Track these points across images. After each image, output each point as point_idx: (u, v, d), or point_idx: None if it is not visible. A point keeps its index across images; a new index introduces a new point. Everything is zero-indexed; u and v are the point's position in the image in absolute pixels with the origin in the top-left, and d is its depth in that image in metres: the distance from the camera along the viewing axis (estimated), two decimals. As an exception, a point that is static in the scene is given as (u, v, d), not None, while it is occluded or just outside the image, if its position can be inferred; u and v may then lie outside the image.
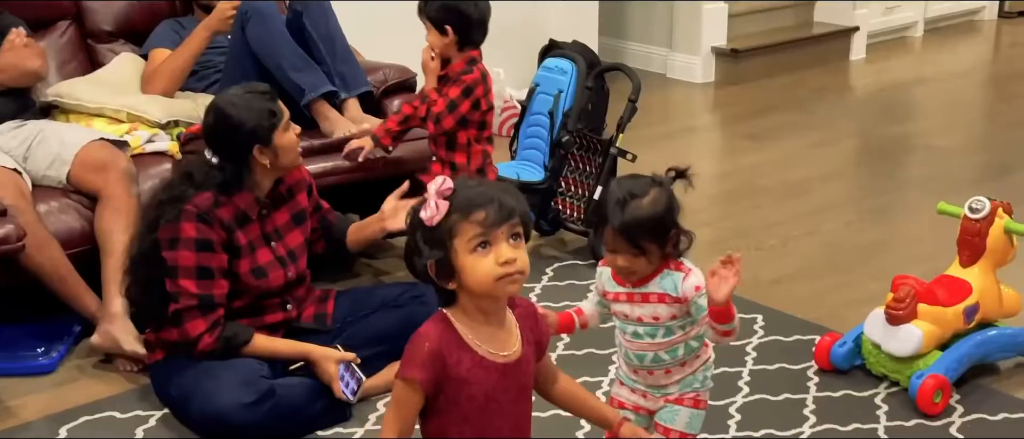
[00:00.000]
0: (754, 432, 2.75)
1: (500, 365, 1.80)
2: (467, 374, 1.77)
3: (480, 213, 1.72)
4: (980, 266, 3.00)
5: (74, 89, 3.55)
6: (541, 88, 3.90)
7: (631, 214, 2.06)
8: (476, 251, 1.73)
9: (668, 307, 2.16)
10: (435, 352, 1.76)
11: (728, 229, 4.11)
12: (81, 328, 3.24)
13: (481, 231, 1.72)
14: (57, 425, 2.83)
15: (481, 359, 1.78)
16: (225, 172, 2.74)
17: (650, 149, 4.80)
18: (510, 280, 1.74)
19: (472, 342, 1.79)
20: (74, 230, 3.19)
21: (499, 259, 1.72)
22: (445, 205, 1.74)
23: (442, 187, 1.75)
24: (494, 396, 1.79)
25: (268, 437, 2.70)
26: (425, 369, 1.75)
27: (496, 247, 1.73)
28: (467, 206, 1.73)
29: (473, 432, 1.81)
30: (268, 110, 2.75)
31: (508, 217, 1.73)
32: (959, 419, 2.80)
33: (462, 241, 1.73)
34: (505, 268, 1.72)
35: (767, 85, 6.19)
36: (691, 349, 2.23)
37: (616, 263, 2.13)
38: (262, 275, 2.82)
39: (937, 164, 4.91)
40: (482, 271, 1.73)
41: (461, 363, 1.77)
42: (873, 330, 2.94)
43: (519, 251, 1.75)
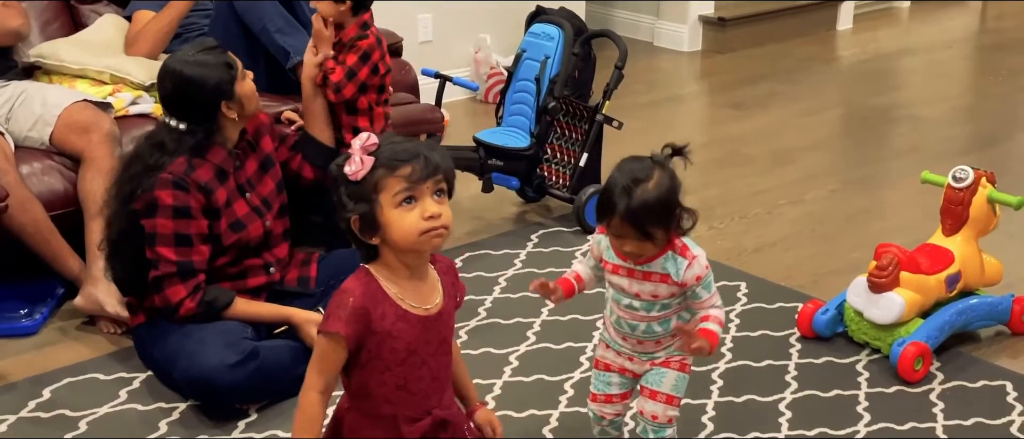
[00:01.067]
0: (736, 397, 2.77)
1: (422, 318, 1.83)
2: (391, 327, 1.80)
3: (406, 168, 1.75)
4: (963, 235, 3.01)
5: (57, 50, 3.52)
6: (528, 54, 3.88)
7: (638, 201, 2.06)
8: (401, 206, 1.76)
9: (668, 287, 2.17)
10: (359, 308, 1.79)
11: (713, 197, 4.11)
12: (64, 290, 3.23)
13: (406, 186, 1.75)
14: (40, 386, 2.82)
15: (404, 312, 1.81)
16: (196, 135, 2.72)
17: (636, 117, 4.81)
18: (435, 234, 1.77)
19: (395, 296, 1.82)
20: (57, 192, 3.18)
21: (424, 214, 1.76)
22: (370, 160, 1.76)
23: (367, 143, 1.77)
24: (416, 348, 1.83)
25: (252, 398, 2.71)
26: (350, 324, 1.79)
27: (421, 202, 1.76)
28: (392, 161, 1.76)
29: (394, 382, 1.85)
30: (224, 63, 2.73)
31: (433, 173, 1.77)
32: (939, 386, 2.83)
33: (387, 196, 1.76)
34: (430, 222, 1.76)
35: (754, 54, 6.18)
36: (683, 320, 2.24)
37: (623, 249, 2.13)
38: (241, 227, 2.81)
39: (922, 134, 4.92)
40: (407, 225, 1.75)
41: (385, 317, 1.80)
42: (855, 298, 2.96)
43: (443, 206, 1.79)
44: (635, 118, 4.70)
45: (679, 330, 2.15)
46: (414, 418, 1.87)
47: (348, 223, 1.80)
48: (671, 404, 2.27)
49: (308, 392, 1.85)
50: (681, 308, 2.22)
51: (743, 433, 2.62)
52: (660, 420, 2.27)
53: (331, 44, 3.14)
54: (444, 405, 1.91)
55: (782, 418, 2.68)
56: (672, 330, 2.23)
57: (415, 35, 4.95)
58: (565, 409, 2.73)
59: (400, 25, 4.35)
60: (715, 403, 2.74)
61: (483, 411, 2.08)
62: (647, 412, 2.27)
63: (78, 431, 2.64)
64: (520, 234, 3.78)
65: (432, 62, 4.35)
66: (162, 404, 2.75)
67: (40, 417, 2.71)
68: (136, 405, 2.75)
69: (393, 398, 1.85)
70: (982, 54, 6.51)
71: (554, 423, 2.67)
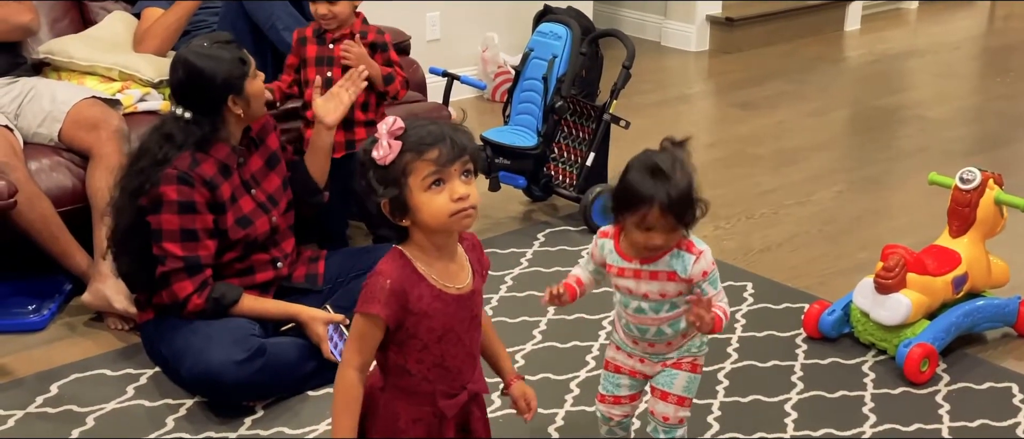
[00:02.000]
0: (742, 398, 2.77)
1: (455, 297, 1.86)
2: (427, 307, 1.83)
3: (433, 151, 1.77)
4: (970, 236, 3.01)
5: (66, 47, 3.53)
6: (535, 53, 3.89)
7: (677, 190, 2.05)
8: (430, 189, 1.78)
9: (676, 285, 2.17)
10: (397, 289, 1.81)
11: (720, 197, 4.11)
12: (72, 286, 3.24)
13: (435, 169, 1.77)
14: (48, 382, 2.83)
15: (440, 293, 1.84)
16: (202, 126, 2.73)
17: (643, 117, 4.80)
18: (464, 215, 1.80)
19: (429, 276, 1.84)
20: (65, 188, 3.19)
21: (453, 195, 1.78)
22: (397, 144, 1.78)
23: (393, 127, 1.79)
24: (451, 326, 1.86)
25: (259, 395, 2.72)
26: (387, 305, 1.81)
27: (450, 184, 1.79)
28: (420, 145, 1.78)
29: (431, 360, 1.88)
30: (238, 59, 2.74)
31: (460, 154, 1.79)
32: (945, 388, 2.82)
33: (416, 179, 1.78)
34: (459, 204, 1.78)
35: (761, 54, 6.18)
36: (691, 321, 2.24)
37: (652, 242, 2.09)
38: (248, 224, 2.82)
39: (929, 135, 4.92)
40: (437, 208, 1.78)
41: (422, 298, 1.83)
42: (862, 298, 2.96)
43: (470, 187, 1.81)
44: (642, 117, 4.70)
45: (694, 301, 2.11)
46: (450, 393, 1.91)
47: (378, 206, 1.82)
48: (682, 405, 2.27)
49: (345, 370, 1.87)
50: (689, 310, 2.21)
51: (749, 433, 2.62)
52: (672, 421, 2.27)
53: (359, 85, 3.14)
54: (476, 379, 1.96)
55: (788, 418, 2.68)
56: (682, 330, 2.23)
57: (423, 33, 4.95)
58: (571, 408, 2.73)
59: (408, 23, 4.35)
60: (721, 403, 2.75)
61: (518, 384, 2.11)
62: (658, 413, 2.27)
63: (85, 427, 2.65)
64: (527, 233, 3.78)
65: (440, 61, 4.36)
66: (169, 400, 2.76)
67: (47, 412, 2.72)
68: (143, 401, 2.76)
69: (430, 376, 1.88)
70: (990, 55, 6.50)
71: (560, 422, 2.67)
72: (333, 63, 3.21)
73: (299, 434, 2.63)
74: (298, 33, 3.29)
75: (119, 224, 2.77)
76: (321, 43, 3.23)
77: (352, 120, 3.24)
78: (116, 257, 2.83)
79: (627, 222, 2.12)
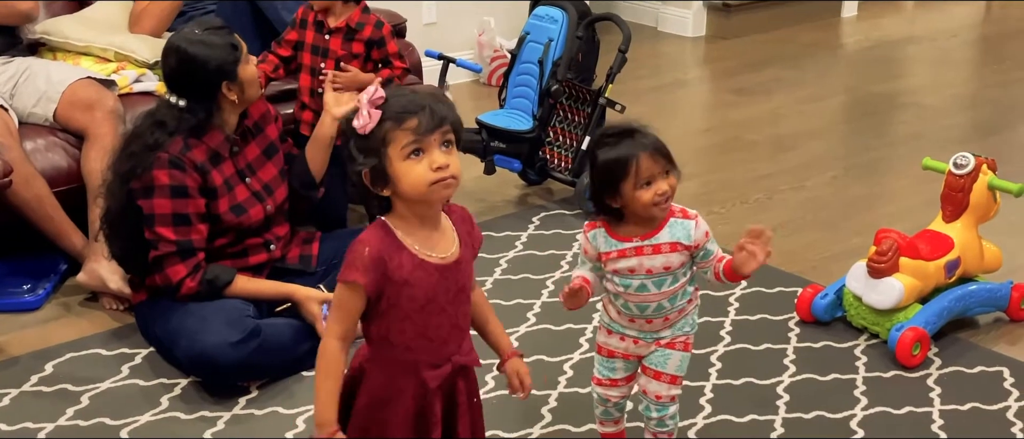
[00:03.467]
0: (734, 380, 2.79)
1: (438, 266, 1.85)
2: (408, 276, 1.82)
3: (412, 120, 1.76)
4: (963, 221, 3.02)
5: (61, 27, 3.53)
6: (531, 37, 3.89)
7: (647, 135, 2.13)
8: (409, 158, 1.77)
9: (680, 255, 2.19)
10: (376, 257, 1.80)
11: (714, 182, 4.12)
12: (67, 266, 3.25)
13: (414, 138, 1.77)
14: (43, 361, 2.84)
15: (421, 261, 1.83)
16: (195, 113, 2.72)
17: (640, 102, 4.81)
18: (443, 185, 1.79)
19: (410, 245, 1.83)
20: (61, 168, 3.19)
21: (432, 165, 1.77)
22: (377, 114, 1.77)
23: (374, 96, 1.79)
24: (433, 296, 1.85)
25: (253, 376, 2.73)
26: (367, 273, 1.80)
27: (429, 154, 1.78)
28: (399, 114, 1.77)
29: (414, 330, 1.87)
30: (230, 45, 2.72)
31: (440, 124, 1.78)
32: (937, 371, 2.84)
33: (396, 148, 1.77)
34: (438, 173, 1.77)
35: (758, 40, 6.18)
36: (686, 294, 2.26)
37: (659, 191, 2.12)
38: (242, 211, 2.82)
39: (925, 122, 4.92)
40: (416, 177, 1.77)
41: (402, 266, 1.82)
42: (855, 282, 2.97)
43: (451, 156, 1.80)
44: (638, 103, 4.71)
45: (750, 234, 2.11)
46: (434, 364, 1.90)
47: (359, 175, 1.82)
48: (675, 383, 2.28)
49: (327, 339, 1.87)
50: (687, 282, 2.24)
51: (740, 415, 2.64)
52: (664, 399, 2.28)
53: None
54: (463, 351, 1.94)
55: (780, 401, 2.70)
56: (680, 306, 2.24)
57: (419, 17, 4.95)
58: (564, 389, 2.75)
59: (404, 7, 4.35)
60: (713, 385, 2.76)
61: (513, 360, 2.09)
62: (651, 392, 2.28)
63: (80, 405, 2.66)
64: (522, 216, 3.79)
65: (436, 44, 4.35)
66: (164, 380, 2.77)
67: (42, 391, 2.72)
68: (138, 381, 2.77)
69: (413, 346, 1.87)
70: (986, 43, 6.50)
71: (553, 404, 2.69)
72: (327, 55, 3.19)
73: (294, 413, 2.64)
74: (302, 13, 3.23)
75: (111, 207, 2.78)
76: (319, 31, 3.21)
77: None
78: (109, 240, 2.83)
79: (626, 192, 2.13)
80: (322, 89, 3.14)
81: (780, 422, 2.61)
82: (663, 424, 2.30)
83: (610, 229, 2.21)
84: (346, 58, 3.17)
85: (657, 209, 2.15)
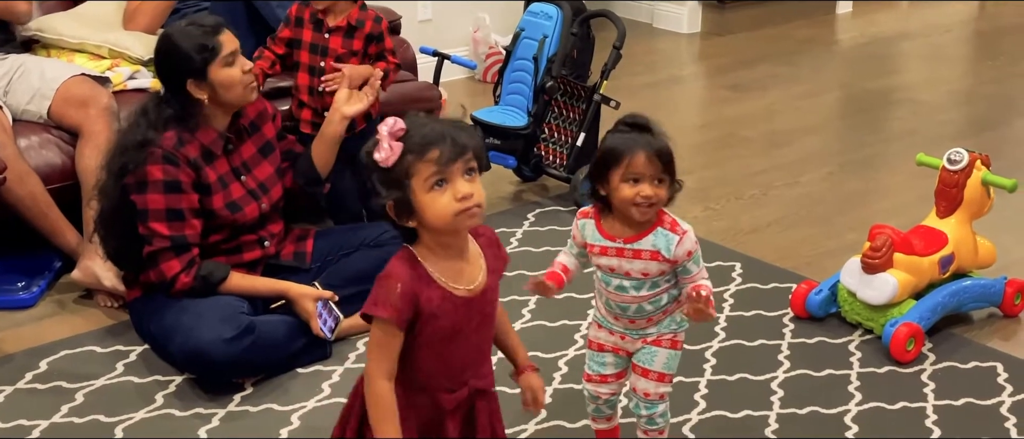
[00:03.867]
0: (729, 376, 2.79)
1: (465, 299, 1.83)
2: (436, 309, 1.80)
3: (434, 151, 1.74)
4: (957, 217, 3.03)
5: (55, 24, 3.52)
6: (526, 33, 3.89)
7: (658, 138, 2.11)
8: (433, 189, 1.75)
9: (659, 264, 2.18)
10: (408, 292, 1.78)
11: (709, 178, 4.13)
12: (61, 263, 3.25)
13: (436, 169, 1.74)
14: (37, 359, 2.84)
15: (448, 294, 1.81)
16: (171, 105, 2.72)
17: (635, 98, 4.81)
18: (468, 215, 1.76)
19: (438, 278, 1.81)
20: (55, 165, 3.19)
21: (456, 195, 1.75)
22: (399, 146, 1.75)
23: (394, 128, 1.75)
24: (459, 328, 1.83)
25: (248, 372, 2.73)
26: (400, 311, 1.78)
27: (453, 184, 1.75)
28: (421, 146, 1.75)
29: (436, 360, 1.85)
30: (200, 44, 2.69)
31: (461, 153, 1.75)
32: (931, 367, 2.84)
33: (419, 180, 1.75)
34: (463, 203, 1.75)
35: (753, 37, 6.18)
36: (673, 297, 2.26)
37: (641, 193, 2.10)
38: (237, 209, 2.82)
39: (919, 118, 4.93)
40: (441, 208, 1.75)
41: (431, 300, 1.80)
42: (849, 278, 2.97)
43: (475, 185, 1.77)
44: (633, 99, 4.71)
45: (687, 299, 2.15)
46: (451, 389, 1.88)
47: (383, 208, 1.80)
48: (663, 381, 2.28)
49: (375, 381, 1.82)
50: (670, 287, 2.23)
51: (735, 411, 2.64)
52: (652, 397, 2.28)
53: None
54: (481, 375, 1.92)
55: (774, 397, 2.70)
56: (663, 307, 2.24)
57: (414, 13, 4.94)
58: (559, 386, 2.75)
59: (399, 4, 4.34)
60: (708, 381, 2.76)
61: (528, 375, 2.05)
62: (639, 389, 2.28)
63: (74, 403, 2.66)
64: (517, 213, 3.79)
65: (431, 41, 4.35)
66: (159, 377, 2.77)
67: (37, 388, 2.72)
68: (133, 378, 2.77)
69: (433, 371, 1.85)
70: (981, 38, 6.51)
71: (548, 400, 2.69)
72: (326, 53, 3.17)
73: (288, 410, 2.64)
74: (297, 10, 3.21)
75: (105, 207, 2.77)
76: (317, 30, 3.18)
77: None
78: (103, 241, 2.83)
79: (613, 182, 2.12)
80: (322, 88, 3.13)
81: (774, 417, 2.62)
82: (652, 422, 2.30)
83: (599, 223, 2.21)
84: (346, 56, 3.17)
85: (636, 210, 2.13)
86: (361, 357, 2.86)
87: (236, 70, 2.74)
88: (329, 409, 2.64)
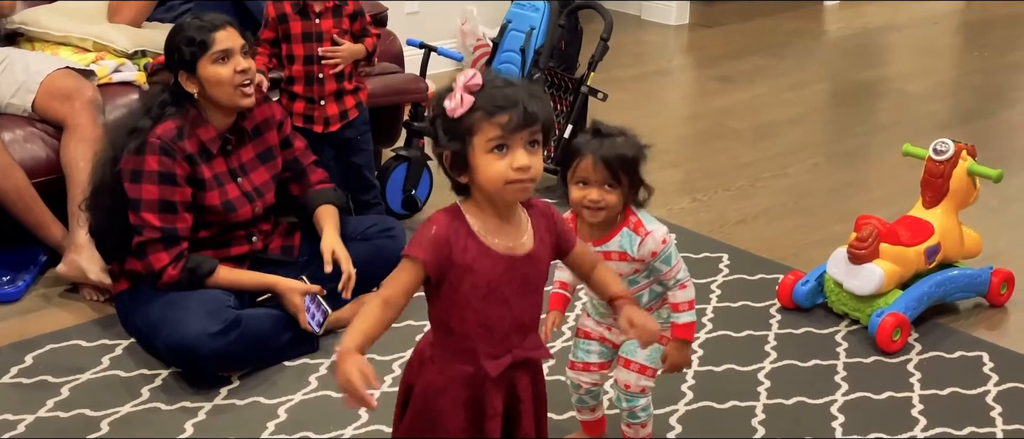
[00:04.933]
0: (715, 367, 2.79)
1: (506, 257, 1.80)
2: (472, 261, 1.78)
3: (503, 116, 1.70)
4: (943, 207, 3.03)
5: (40, 17, 3.51)
6: (513, 25, 3.88)
7: (610, 144, 2.12)
8: (492, 152, 1.72)
9: (629, 264, 2.19)
10: (442, 237, 1.76)
11: (697, 170, 4.13)
12: (47, 257, 3.23)
13: (500, 134, 1.71)
14: (23, 353, 2.83)
15: (487, 249, 1.79)
16: (164, 92, 2.75)
17: (623, 90, 4.81)
18: (520, 187, 1.74)
19: (480, 232, 1.79)
20: (40, 159, 3.17)
21: (514, 164, 1.72)
22: (470, 100, 1.71)
23: (470, 81, 1.72)
24: (497, 286, 1.80)
25: (234, 366, 2.72)
26: (429, 251, 1.76)
27: (513, 151, 1.72)
28: (491, 106, 1.71)
29: (475, 320, 1.82)
30: (190, 37, 2.70)
31: (530, 123, 1.72)
32: (917, 356, 2.85)
33: (481, 139, 1.72)
34: (518, 174, 1.72)
35: (741, 28, 6.19)
36: (656, 293, 2.26)
37: (588, 197, 2.12)
38: (231, 208, 2.82)
39: (907, 109, 4.94)
40: (495, 173, 1.72)
41: (467, 251, 1.78)
42: (835, 269, 2.98)
43: (535, 158, 1.74)
44: (622, 91, 4.71)
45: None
46: (495, 355, 1.84)
47: (440, 156, 1.78)
48: (644, 374, 2.28)
49: (370, 299, 1.82)
50: (651, 282, 2.24)
51: (722, 402, 2.64)
52: (632, 389, 2.28)
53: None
54: (527, 346, 1.88)
55: (761, 387, 2.71)
56: (647, 305, 2.25)
57: (401, 5, 4.93)
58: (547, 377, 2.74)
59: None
60: (695, 372, 2.76)
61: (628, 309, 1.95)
62: (621, 381, 2.29)
63: (60, 397, 2.65)
64: (504, 205, 3.78)
65: (419, 33, 4.34)
66: (145, 371, 2.76)
67: (22, 383, 2.71)
68: (119, 372, 2.76)
69: (474, 335, 1.82)
70: (968, 29, 6.52)
71: (535, 391, 2.69)
72: (321, 39, 3.16)
73: (275, 403, 2.63)
74: (276, 9, 3.19)
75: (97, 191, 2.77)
76: (306, 18, 3.17)
77: (342, 91, 3.23)
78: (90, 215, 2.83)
79: (569, 184, 2.16)
80: (323, 75, 3.13)
81: (761, 408, 2.62)
82: (634, 416, 2.31)
83: (576, 226, 2.23)
84: (339, 35, 3.17)
85: (585, 212, 2.15)
86: (348, 350, 2.86)
87: (227, 69, 2.72)
88: (316, 402, 2.64)
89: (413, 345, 2.84)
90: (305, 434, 2.52)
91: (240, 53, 2.74)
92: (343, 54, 3.16)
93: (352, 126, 3.26)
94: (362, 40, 3.22)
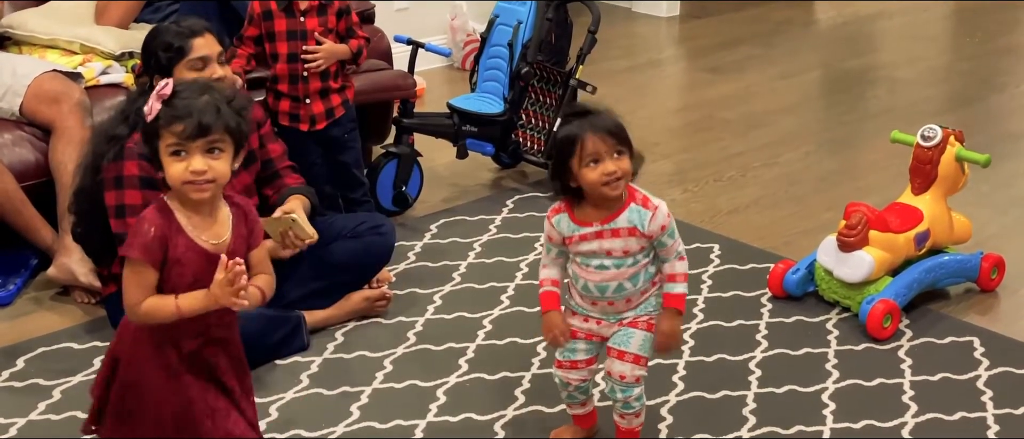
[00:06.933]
0: (707, 357, 2.80)
1: (207, 252, 1.97)
2: (181, 256, 1.96)
3: (178, 126, 1.92)
4: (932, 193, 3.04)
5: (26, 20, 3.50)
6: (500, 19, 3.88)
7: (601, 118, 2.17)
8: (170, 156, 1.94)
9: (637, 240, 2.21)
10: (160, 237, 1.94)
11: (688, 161, 4.13)
12: (37, 260, 3.23)
13: (175, 141, 1.92)
14: (14, 356, 2.83)
15: (193, 243, 1.97)
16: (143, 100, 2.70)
17: (614, 83, 4.81)
18: (195, 188, 1.93)
19: (187, 228, 1.97)
20: (28, 162, 3.17)
21: (189, 168, 1.92)
22: (158, 106, 1.93)
23: (162, 89, 1.94)
24: (201, 278, 1.96)
25: (225, 366, 2.72)
26: (150, 252, 1.94)
27: (190, 157, 1.92)
28: (171, 116, 1.92)
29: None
30: (167, 42, 2.69)
31: (203, 134, 1.91)
32: (907, 343, 2.85)
33: (163, 144, 1.94)
34: (193, 176, 1.92)
35: (731, 19, 6.18)
36: (649, 275, 2.27)
37: (606, 170, 2.14)
38: None
39: (897, 96, 4.94)
40: (174, 174, 1.94)
41: (177, 246, 1.96)
42: (825, 257, 2.98)
43: (216, 161, 1.93)
44: (613, 83, 4.71)
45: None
46: (193, 335, 2.00)
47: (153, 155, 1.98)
48: (638, 364, 2.28)
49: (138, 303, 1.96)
50: (648, 262, 2.25)
51: (713, 392, 2.64)
52: (628, 379, 2.28)
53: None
54: (223, 324, 2.04)
55: (752, 376, 2.71)
56: (642, 287, 2.25)
57: (390, 4, 4.92)
58: (537, 371, 2.75)
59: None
60: (686, 362, 2.77)
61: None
62: (615, 372, 2.29)
63: (52, 400, 2.65)
64: (495, 200, 3.79)
65: (408, 29, 4.32)
66: (136, 372, 2.76)
67: (14, 386, 2.71)
68: (110, 373, 2.76)
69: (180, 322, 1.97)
70: (959, 16, 6.52)
71: (526, 385, 2.69)
72: (306, 37, 3.15)
73: (266, 402, 2.63)
74: (262, 5, 3.17)
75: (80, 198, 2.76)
76: (291, 16, 3.17)
77: (328, 89, 3.23)
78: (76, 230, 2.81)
79: (576, 170, 2.17)
80: (308, 73, 3.13)
81: (752, 397, 2.62)
82: (628, 406, 2.31)
83: (572, 214, 2.23)
84: (324, 34, 3.16)
85: (607, 189, 2.16)
86: (339, 348, 2.86)
87: (203, 75, 2.71)
88: (308, 400, 2.64)
89: (406, 342, 2.88)
90: (296, 432, 2.52)
91: (217, 60, 2.73)
92: (323, 54, 3.12)
93: (338, 124, 3.26)
94: (347, 40, 3.21)
